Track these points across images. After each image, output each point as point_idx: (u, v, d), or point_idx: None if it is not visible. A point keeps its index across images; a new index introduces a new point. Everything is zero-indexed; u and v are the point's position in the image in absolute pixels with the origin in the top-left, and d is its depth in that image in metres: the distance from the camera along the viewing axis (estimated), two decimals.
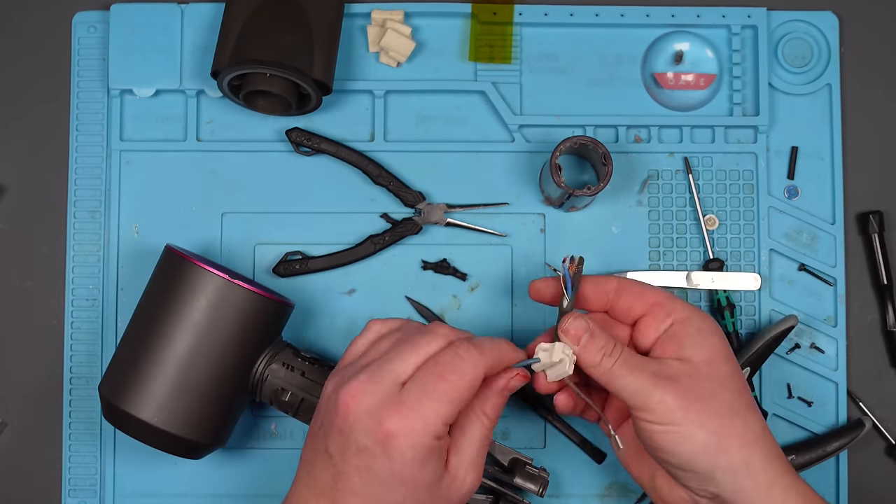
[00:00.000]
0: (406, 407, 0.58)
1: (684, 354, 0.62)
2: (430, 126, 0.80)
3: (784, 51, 0.80)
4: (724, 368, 0.62)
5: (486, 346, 0.61)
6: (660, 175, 0.80)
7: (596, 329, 0.63)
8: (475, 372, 0.59)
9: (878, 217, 0.79)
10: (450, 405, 0.58)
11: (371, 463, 0.58)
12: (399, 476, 0.58)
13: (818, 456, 0.76)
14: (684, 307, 0.64)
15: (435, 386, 0.58)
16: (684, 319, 0.63)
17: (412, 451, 0.57)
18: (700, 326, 0.63)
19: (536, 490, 0.72)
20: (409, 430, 0.57)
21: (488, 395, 0.62)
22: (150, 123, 0.80)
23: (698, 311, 0.64)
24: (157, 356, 0.68)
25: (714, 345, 0.62)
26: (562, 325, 0.63)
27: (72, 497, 0.77)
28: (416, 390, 0.58)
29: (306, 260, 0.78)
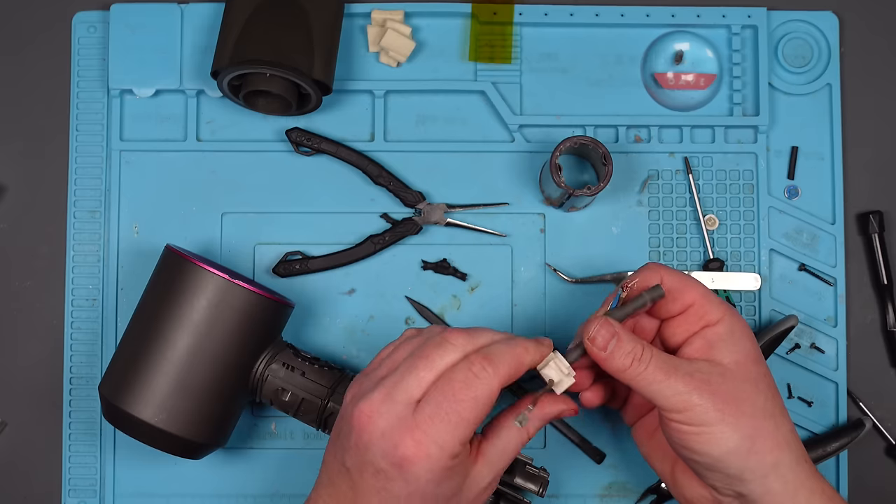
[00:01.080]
0: (420, 431, 0.57)
1: (715, 357, 0.61)
2: (430, 126, 0.80)
3: (784, 51, 0.80)
4: (756, 370, 0.61)
5: (502, 356, 0.60)
6: (660, 175, 0.80)
7: (622, 333, 0.61)
8: (490, 390, 0.58)
9: (878, 217, 0.79)
10: (465, 426, 0.58)
11: (388, 485, 0.58)
12: (416, 495, 0.58)
13: (818, 456, 0.76)
14: (718, 308, 0.63)
15: (449, 407, 0.57)
16: (717, 321, 0.62)
17: (429, 473, 0.57)
18: (732, 329, 0.62)
19: (536, 490, 0.72)
20: (424, 456, 0.57)
21: (540, 415, 0.62)
22: (150, 123, 0.80)
23: (731, 311, 0.63)
24: (158, 356, 0.68)
25: (745, 348, 0.62)
26: (587, 332, 0.62)
27: (72, 497, 0.77)
28: (429, 411, 0.58)
29: (306, 260, 0.78)
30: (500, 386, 0.59)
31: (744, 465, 0.60)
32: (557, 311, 0.79)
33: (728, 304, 0.64)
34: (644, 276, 0.64)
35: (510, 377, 0.60)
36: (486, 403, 0.58)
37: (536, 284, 0.79)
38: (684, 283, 0.63)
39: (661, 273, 0.64)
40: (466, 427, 0.58)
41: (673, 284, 0.63)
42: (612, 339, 0.61)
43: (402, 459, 0.57)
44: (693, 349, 0.62)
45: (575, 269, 0.79)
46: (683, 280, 0.64)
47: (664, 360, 0.61)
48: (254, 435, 0.78)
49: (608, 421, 0.78)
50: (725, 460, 0.60)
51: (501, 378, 0.59)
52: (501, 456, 0.61)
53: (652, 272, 0.64)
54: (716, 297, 0.64)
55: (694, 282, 0.64)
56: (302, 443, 0.78)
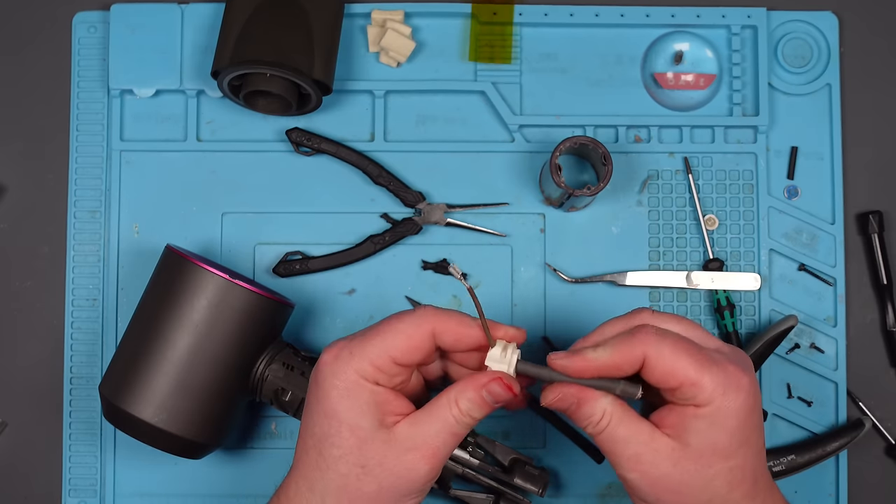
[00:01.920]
0: (343, 341, 0.60)
1: (681, 437, 0.57)
2: (430, 126, 0.80)
3: (784, 51, 0.80)
4: (719, 465, 0.57)
5: (447, 312, 0.60)
6: (660, 175, 0.80)
7: (583, 399, 0.58)
8: (419, 324, 0.59)
9: (877, 217, 0.79)
10: (379, 344, 0.59)
11: (309, 396, 0.60)
12: (323, 405, 0.59)
13: (818, 456, 0.76)
14: (711, 393, 0.56)
15: (375, 328, 0.60)
16: (702, 406, 0.56)
17: (334, 377, 0.58)
18: (713, 420, 0.56)
19: (536, 490, 0.72)
20: (334, 358, 0.59)
21: (465, 386, 0.59)
22: (151, 123, 0.80)
23: (728, 395, 0.56)
24: (158, 356, 0.68)
25: (716, 440, 0.56)
26: (544, 396, 0.59)
27: (72, 497, 0.77)
28: (360, 332, 0.61)
29: (306, 260, 0.78)
30: (431, 331, 0.59)
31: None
32: (557, 310, 0.79)
33: (730, 383, 0.56)
34: (628, 348, 0.57)
35: (446, 330, 0.60)
36: (408, 335, 0.59)
37: (536, 284, 0.79)
38: (673, 363, 0.56)
39: (648, 349, 0.57)
40: (378, 345, 0.59)
41: (659, 363, 0.56)
42: (570, 405, 0.59)
43: (319, 362, 0.60)
44: (666, 420, 0.58)
45: (575, 268, 0.79)
46: (672, 358, 0.56)
47: (618, 432, 0.58)
48: (254, 435, 0.78)
49: None
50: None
51: (435, 323, 0.60)
52: (427, 422, 0.59)
53: (637, 345, 0.57)
54: (712, 378, 0.56)
55: (687, 359, 0.56)
56: None
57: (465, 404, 0.59)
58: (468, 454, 0.72)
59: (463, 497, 0.74)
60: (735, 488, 0.57)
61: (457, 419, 0.59)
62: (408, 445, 0.59)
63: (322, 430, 0.59)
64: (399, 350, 0.59)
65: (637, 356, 0.57)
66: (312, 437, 0.59)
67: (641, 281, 0.78)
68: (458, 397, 0.59)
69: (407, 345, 0.59)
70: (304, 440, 0.60)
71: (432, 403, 0.60)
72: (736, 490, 0.57)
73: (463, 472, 0.73)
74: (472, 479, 0.73)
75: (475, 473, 0.73)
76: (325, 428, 0.59)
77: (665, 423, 0.58)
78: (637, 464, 0.57)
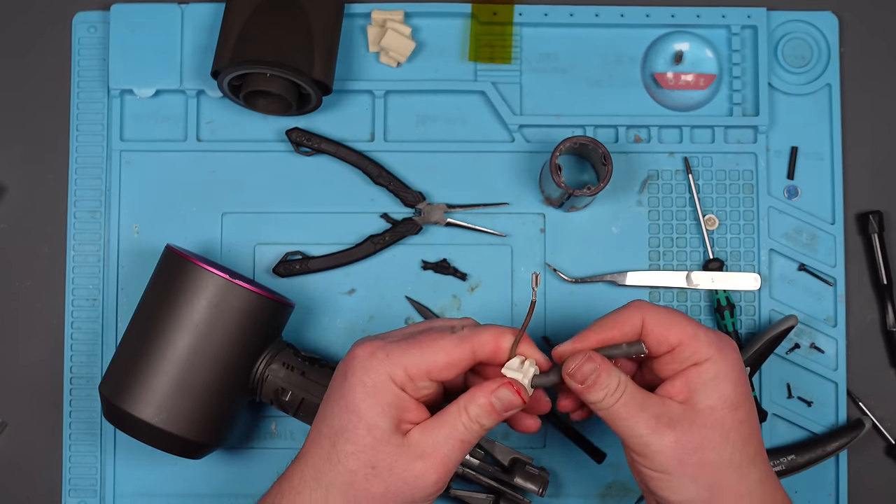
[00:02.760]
0: (381, 341, 0.60)
1: (691, 399, 0.59)
2: (430, 126, 0.80)
3: (784, 51, 0.80)
4: (730, 418, 0.59)
5: (482, 328, 0.61)
6: (660, 175, 0.80)
7: (602, 368, 0.60)
8: (461, 345, 0.59)
9: (877, 217, 0.79)
10: (417, 354, 0.59)
11: (333, 386, 0.60)
12: (346, 399, 0.59)
13: (818, 456, 0.76)
14: (706, 348, 0.60)
15: (417, 338, 0.60)
16: (702, 362, 0.60)
17: (363, 373, 0.58)
18: (716, 372, 0.59)
19: (536, 490, 0.72)
20: (368, 355, 0.59)
21: (475, 395, 0.60)
22: (151, 123, 0.80)
23: (721, 350, 0.60)
24: (158, 356, 0.68)
25: (723, 392, 0.59)
26: (567, 368, 0.60)
27: (72, 497, 0.77)
28: (399, 336, 0.61)
29: (306, 260, 0.78)
30: (472, 350, 0.60)
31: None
32: (557, 310, 0.79)
33: (721, 341, 0.61)
34: (625, 317, 0.61)
35: (485, 347, 0.60)
36: (448, 353, 0.59)
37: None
38: (670, 323, 0.60)
39: (644, 313, 0.61)
40: (417, 356, 0.59)
41: (657, 325, 0.61)
42: (591, 374, 0.60)
43: (351, 355, 0.60)
44: (673, 389, 0.60)
45: (575, 269, 0.79)
46: (668, 319, 0.61)
47: (634, 398, 0.59)
48: (254, 435, 0.78)
49: None
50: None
51: (475, 344, 0.60)
52: (438, 430, 0.59)
53: (633, 312, 0.61)
54: (706, 334, 0.60)
55: (681, 320, 0.61)
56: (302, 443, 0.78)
57: (474, 411, 0.60)
58: (468, 454, 0.72)
59: (463, 497, 0.74)
60: (748, 442, 0.60)
61: (466, 426, 0.59)
62: (418, 452, 0.59)
63: (340, 423, 0.59)
64: (437, 367, 0.59)
65: (636, 321, 0.61)
66: (328, 428, 0.59)
67: (641, 281, 0.78)
68: (468, 405, 0.60)
69: (445, 362, 0.59)
70: (319, 429, 0.60)
71: (443, 411, 0.60)
72: (749, 444, 0.60)
73: (463, 472, 0.73)
74: (472, 479, 0.73)
75: (475, 473, 0.73)
76: (343, 421, 0.59)
77: (671, 392, 0.60)
78: (657, 425, 0.59)
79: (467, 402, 0.60)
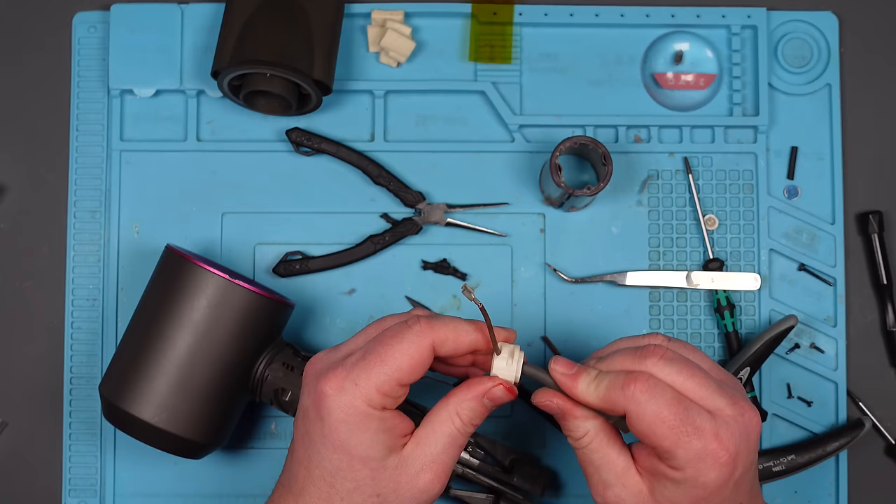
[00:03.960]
0: (343, 369, 0.58)
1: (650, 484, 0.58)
2: (430, 126, 0.80)
3: (784, 51, 0.80)
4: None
5: (442, 321, 0.59)
6: (660, 175, 0.80)
7: (569, 414, 0.59)
8: (419, 342, 0.58)
9: (877, 217, 0.79)
10: (383, 370, 0.57)
11: (309, 427, 0.58)
12: (330, 440, 0.57)
13: (818, 456, 0.76)
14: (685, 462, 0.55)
15: (373, 350, 0.58)
16: (676, 468, 0.56)
17: (340, 411, 0.57)
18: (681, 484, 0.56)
19: (536, 490, 0.72)
20: (337, 389, 0.57)
21: (465, 396, 0.59)
22: (150, 123, 0.80)
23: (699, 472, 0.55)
24: (158, 356, 0.68)
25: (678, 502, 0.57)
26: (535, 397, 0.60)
27: (72, 497, 0.78)
28: (357, 355, 0.58)
29: (306, 260, 0.78)
30: (431, 345, 0.58)
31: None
32: (557, 311, 0.79)
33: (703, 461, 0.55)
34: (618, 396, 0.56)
35: (445, 341, 0.59)
36: (411, 355, 0.57)
37: (536, 284, 0.79)
38: (651, 428, 0.55)
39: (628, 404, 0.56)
40: (384, 372, 0.57)
41: (636, 423, 0.56)
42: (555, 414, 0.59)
43: (319, 395, 0.57)
44: (643, 460, 0.58)
45: (575, 268, 0.79)
46: (652, 423, 0.55)
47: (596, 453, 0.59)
48: (254, 435, 0.78)
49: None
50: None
51: (434, 337, 0.58)
52: (433, 440, 0.59)
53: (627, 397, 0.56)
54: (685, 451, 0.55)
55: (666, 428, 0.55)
56: None
57: (467, 414, 0.59)
58: (468, 454, 0.73)
59: (463, 497, 0.74)
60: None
61: (460, 430, 0.59)
62: (417, 467, 0.59)
63: (332, 464, 0.58)
64: (404, 372, 0.58)
65: (620, 409, 0.57)
66: (321, 469, 0.58)
67: (641, 281, 0.78)
68: (459, 409, 0.59)
69: (410, 365, 0.58)
70: (310, 470, 0.59)
71: (433, 418, 0.60)
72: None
73: (463, 472, 0.73)
74: (472, 479, 0.73)
75: (475, 473, 0.73)
76: (335, 462, 0.58)
77: (642, 461, 0.58)
78: (605, 490, 0.59)
79: (458, 406, 0.59)
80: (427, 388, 0.76)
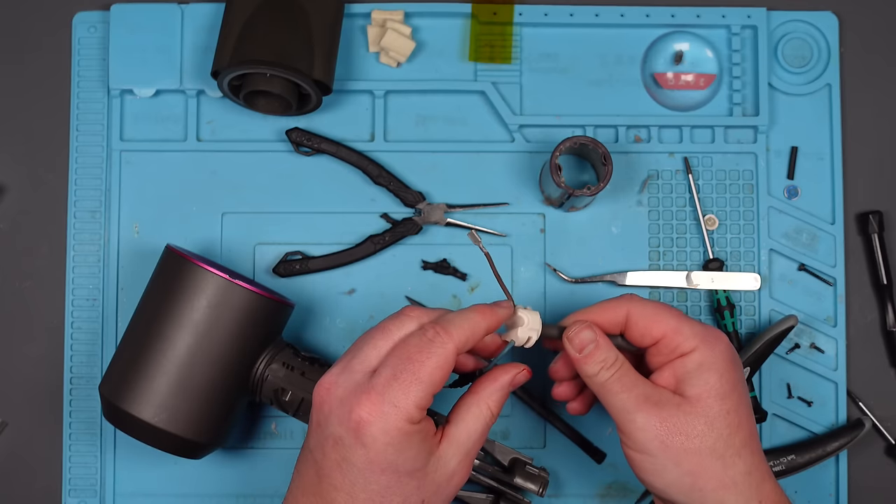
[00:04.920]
0: (375, 393, 0.57)
1: (678, 388, 0.61)
2: (430, 126, 0.80)
3: (784, 51, 0.80)
4: (717, 407, 0.60)
5: (456, 323, 0.60)
6: (660, 175, 0.80)
7: (601, 341, 0.63)
8: (445, 353, 0.58)
9: (877, 217, 0.79)
10: (420, 388, 0.57)
11: (347, 454, 0.58)
12: (376, 464, 0.57)
13: (818, 456, 0.76)
14: (690, 340, 0.62)
15: (404, 368, 0.58)
16: (688, 352, 0.62)
17: (385, 436, 0.57)
18: (701, 362, 0.61)
19: (536, 490, 0.72)
20: (378, 415, 0.57)
21: (493, 389, 0.61)
22: (150, 123, 0.80)
23: (707, 341, 0.62)
24: (158, 356, 0.68)
25: (709, 381, 0.61)
26: (568, 332, 0.63)
27: (72, 497, 0.78)
28: (385, 374, 0.58)
29: (306, 260, 0.78)
30: (455, 351, 0.59)
31: (687, 499, 0.60)
32: (557, 310, 0.79)
33: (708, 332, 0.63)
34: (612, 307, 0.64)
35: (466, 342, 0.60)
36: (442, 367, 0.58)
37: (536, 284, 0.79)
38: (653, 317, 0.63)
39: (630, 306, 0.64)
40: (421, 389, 0.57)
41: (640, 318, 0.63)
42: (590, 343, 0.62)
43: (357, 423, 0.57)
44: (662, 379, 0.62)
45: (575, 268, 0.79)
46: (653, 313, 0.63)
47: (627, 376, 0.62)
48: (254, 435, 0.78)
49: (608, 421, 0.78)
50: (667, 492, 0.60)
51: (457, 342, 0.59)
52: (466, 436, 0.60)
53: (620, 304, 0.64)
54: (690, 326, 0.63)
55: (665, 312, 0.63)
56: (302, 443, 0.78)
57: (497, 405, 0.62)
58: None
59: (463, 497, 0.74)
60: (735, 433, 0.60)
61: (490, 423, 0.62)
62: (454, 466, 0.60)
63: (380, 486, 0.58)
64: (438, 385, 0.59)
65: (621, 313, 0.64)
66: (367, 493, 0.58)
67: (641, 281, 0.78)
68: (490, 402, 0.61)
69: (442, 376, 0.59)
70: (353, 495, 0.58)
71: (465, 415, 0.61)
72: (736, 435, 0.60)
73: None
74: (472, 478, 0.73)
75: (475, 473, 0.73)
76: (383, 483, 0.58)
77: (660, 382, 0.62)
78: (645, 404, 0.60)
79: (488, 400, 0.61)
80: None
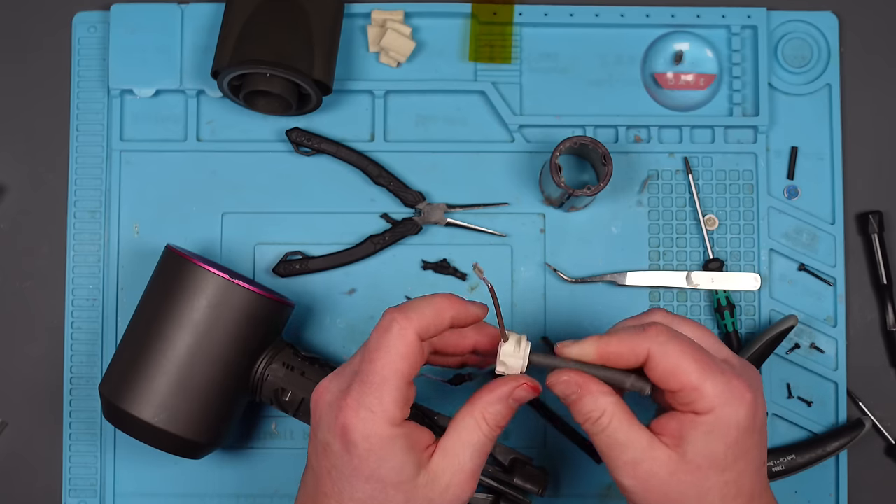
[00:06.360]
0: (352, 397, 0.56)
1: (679, 446, 0.56)
2: (430, 126, 0.80)
3: (784, 51, 0.80)
4: (714, 479, 0.56)
5: (416, 307, 0.57)
6: (660, 175, 0.80)
7: (585, 390, 0.57)
8: (405, 339, 0.56)
9: (877, 217, 0.79)
10: (388, 385, 0.55)
11: (336, 461, 0.57)
12: (360, 471, 0.56)
13: (818, 456, 0.76)
14: (713, 398, 0.55)
15: (368, 369, 0.56)
16: (702, 412, 0.56)
17: (366, 441, 0.55)
18: (712, 428, 0.56)
19: (536, 490, 0.72)
20: (357, 420, 0.55)
21: (489, 399, 0.58)
22: (150, 123, 0.80)
23: (731, 403, 0.55)
24: (158, 356, 0.68)
25: (714, 452, 0.56)
26: (549, 378, 0.58)
27: (72, 497, 0.78)
28: (358, 377, 0.56)
29: (306, 260, 0.78)
30: (416, 335, 0.56)
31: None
32: (557, 311, 0.79)
33: (732, 390, 0.56)
34: (636, 342, 0.57)
35: (429, 326, 0.57)
36: (405, 356, 0.56)
37: (536, 284, 0.79)
38: (676, 365, 0.56)
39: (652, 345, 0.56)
40: (389, 385, 0.55)
41: (661, 363, 0.56)
42: (571, 395, 0.58)
43: (341, 428, 0.56)
44: (666, 427, 0.57)
45: (575, 268, 0.79)
46: (676, 362, 0.56)
47: (618, 433, 0.57)
48: (254, 435, 0.78)
49: None
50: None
51: (416, 326, 0.56)
52: (460, 448, 0.58)
53: (644, 340, 0.57)
54: (713, 385, 0.55)
55: (689, 363, 0.56)
56: (302, 443, 0.78)
57: (493, 418, 0.58)
58: None
59: None
60: (731, 501, 0.57)
61: (487, 435, 0.58)
62: (447, 479, 0.58)
63: (366, 494, 0.57)
64: (407, 378, 0.57)
65: (642, 350, 0.56)
66: (354, 501, 0.57)
67: (641, 281, 0.78)
68: (485, 414, 0.58)
69: (406, 363, 0.56)
70: (341, 502, 0.57)
71: (458, 426, 0.58)
72: (731, 503, 0.57)
73: None
74: None
75: None
76: (368, 492, 0.57)
77: (665, 430, 0.57)
78: (633, 470, 0.57)
79: (483, 411, 0.58)
80: (430, 390, 0.76)
